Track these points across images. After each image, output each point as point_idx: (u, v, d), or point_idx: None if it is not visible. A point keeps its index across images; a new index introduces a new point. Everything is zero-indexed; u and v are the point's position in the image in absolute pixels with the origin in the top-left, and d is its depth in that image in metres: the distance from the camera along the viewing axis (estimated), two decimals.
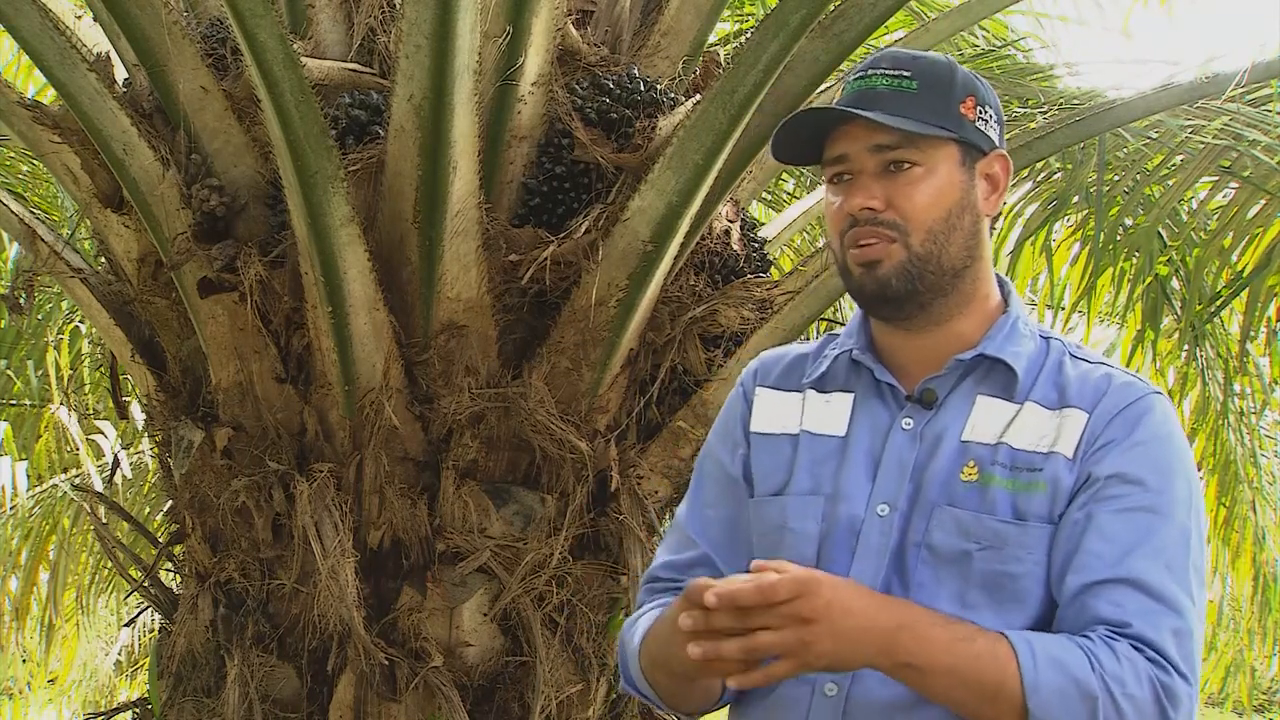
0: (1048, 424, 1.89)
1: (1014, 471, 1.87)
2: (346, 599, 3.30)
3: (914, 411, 1.94)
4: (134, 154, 3.42)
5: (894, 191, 1.90)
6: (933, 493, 1.88)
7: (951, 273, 1.93)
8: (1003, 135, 2.00)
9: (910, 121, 1.89)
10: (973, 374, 1.94)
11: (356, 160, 3.33)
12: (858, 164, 1.92)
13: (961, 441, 1.90)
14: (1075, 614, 1.81)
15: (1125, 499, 1.83)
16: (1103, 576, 1.79)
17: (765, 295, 3.67)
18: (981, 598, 1.84)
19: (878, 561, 1.88)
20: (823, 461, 1.96)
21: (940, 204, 1.91)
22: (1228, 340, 5.51)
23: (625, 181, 3.38)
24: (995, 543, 1.84)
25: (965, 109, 1.93)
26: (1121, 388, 1.90)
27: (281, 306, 3.46)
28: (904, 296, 1.92)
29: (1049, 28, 6.23)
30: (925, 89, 1.92)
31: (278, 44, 2.98)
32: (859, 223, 1.91)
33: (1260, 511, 6.12)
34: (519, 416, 3.39)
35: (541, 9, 3.37)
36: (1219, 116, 4.29)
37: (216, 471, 3.55)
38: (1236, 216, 4.63)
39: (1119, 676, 1.73)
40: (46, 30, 3.34)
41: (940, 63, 1.97)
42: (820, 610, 1.69)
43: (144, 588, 3.93)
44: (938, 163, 1.91)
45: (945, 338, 1.95)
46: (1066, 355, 1.96)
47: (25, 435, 6.47)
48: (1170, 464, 1.87)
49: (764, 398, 2.07)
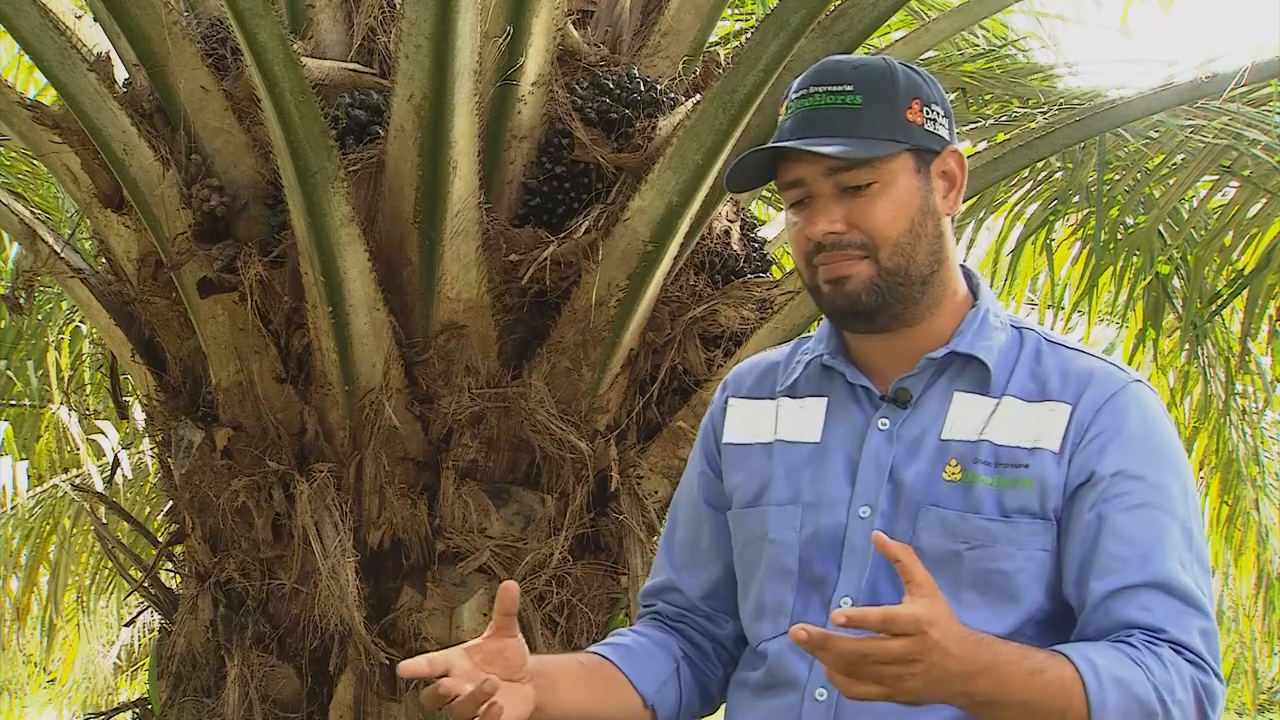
0: (1030, 418, 1.87)
1: (998, 468, 1.86)
2: (347, 599, 3.30)
3: (889, 412, 1.93)
4: (134, 154, 3.42)
5: (854, 212, 1.88)
6: (915, 494, 1.88)
7: (920, 280, 1.91)
8: (953, 128, 1.97)
9: (860, 142, 1.87)
10: (946, 371, 1.93)
11: (356, 160, 3.33)
12: (814, 188, 1.90)
13: (941, 440, 1.89)
14: (1103, 619, 1.81)
15: (1130, 496, 1.83)
16: (1130, 582, 1.80)
17: (765, 295, 3.67)
18: (975, 596, 1.84)
19: (863, 565, 1.88)
20: (799, 469, 1.96)
21: (902, 216, 1.89)
22: (1229, 339, 5.51)
23: (625, 181, 3.38)
24: (984, 541, 1.84)
25: (912, 115, 1.90)
26: (1104, 378, 1.89)
27: (281, 306, 3.46)
28: (876, 310, 1.90)
29: (1049, 27, 6.21)
30: (870, 102, 1.89)
31: (278, 44, 2.98)
32: (824, 247, 1.90)
33: (1262, 510, 6.12)
34: (519, 416, 3.39)
35: (541, 9, 3.36)
36: (1219, 116, 4.29)
37: (216, 471, 3.55)
38: (1237, 215, 4.64)
39: (1169, 685, 1.75)
40: (46, 30, 3.34)
41: (880, 69, 1.93)
42: (928, 650, 1.67)
43: (144, 588, 3.93)
44: (894, 175, 1.89)
45: (917, 337, 1.94)
46: (1043, 344, 1.95)
47: (25, 435, 6.47)
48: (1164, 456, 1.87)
49: (736, 408, 2.06)
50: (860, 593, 1.87)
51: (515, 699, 1.87)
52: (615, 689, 2.03)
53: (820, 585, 1.91)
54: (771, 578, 1.95)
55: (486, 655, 1.88)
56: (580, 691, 2.01)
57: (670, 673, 2.06)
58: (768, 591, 1.95)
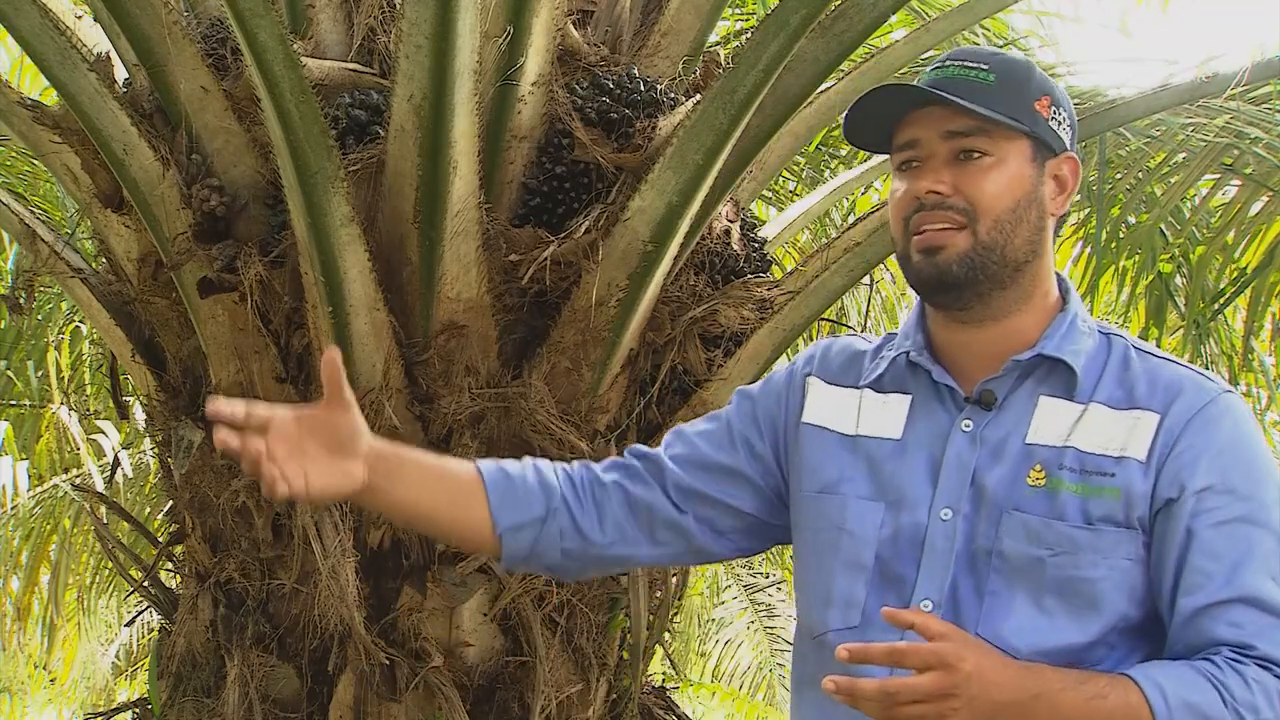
0: (1116, 425, 1.85)
1: (1084, 475, 1.84)
2: (347, 599, 3.30)
3: (973, 413, 1.91)
4: (134, 154, 3.41)
5: (963, 179, 1.89)
6: (998, 498, 1.86)
7: (1013, 265, 1.90)
8: (1075, 139, 1.98)
9: (985, 109, 1.87)
10: (1033, 375, 1.91)
11: (356, 160, 3.32)
12: (928, 149, 1.90)
13: (1026, 444, 1.87)
14: (1193, 636, 1.79)
15: (1220, 511, 1.81)
16: (1217, 598, 1.78)
17: (765, 295, 3.66)
18: (1057, 604, 1.82)
19: (944, 567, 1.86)
20: (881, 466, 1.94)
21: (1009, 195, 1.89)
22: (1232, 337, 5.51)
23: (625, 181, 3.38)
24: (1068, 548, 1.82)
25: (1040, 107, 1.92)
26: (1194, 388, 1.87)
27: (281, 306, 3.46)
28: (963, 284, 1.89)
29: (1050, 26, 6.22)
30: (1002, 82, 1.90)
31: (278, 44, 2.98)
32: (924, 207, 1.89)
33: None
34: (519, 416, 3.39)
35: (541, 9, 3.36)
36: (1220, 115, 4.29)
37: (217, 471, 3.55)
38: (1239, 214, 4.63)
39: (1252, 704, 1.73)
40: (46, 30, 3.34)
41: (1019, 61, 1.96)
42: (962, 683, 1.67)
43: (144, 588, 3.93)
44: (1009, 154, 1.90)
45: (1003, 335, 1.92)
46: (1131, 351, 1.93)
47: (25, 435, 6.47)
48: (1256, 468, 1.85)
49: (819, 390, 2.04)
50: (942, 595, 1.86)
51: (327, 471, 1.89)
52: (468, 505, 2.02)
53: (898, 584, 1.89)
54: (844, 569, 1.93)
55: (310, 425, 1.90)
56: (423, 492, 2.02)
57: (535, 519, 2.04)
58: (838, 582, 1.93)
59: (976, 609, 1.84)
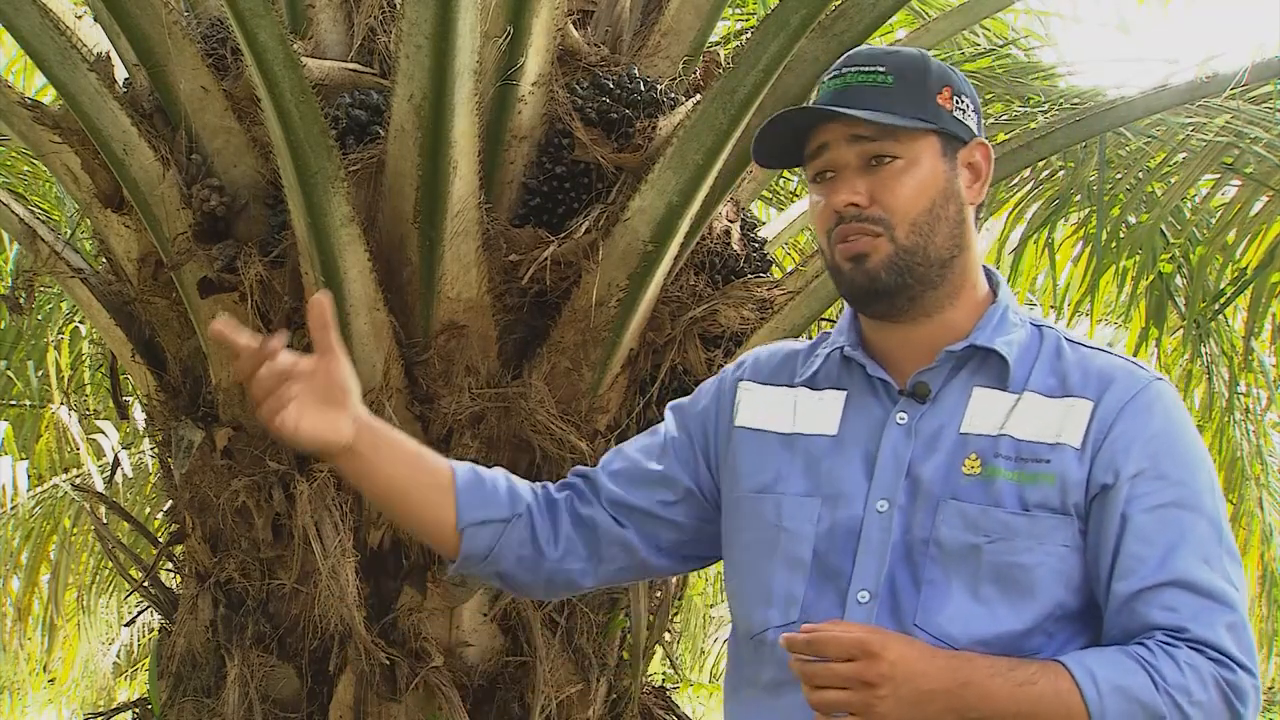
0: (1051, 413, 1.87)
1: (1019, 463, 1.85)
2: (347, 599, 3.30)
3: (908, 406, 1.93)
4: (134, 154, 3.41)
5: (877, 186, 1.90)
6: (934, 487, 1.87)
7: (939, 263, 1.92)
8: (981, 124, 2.00)
9: (888, 115, 1.89)
10: (966, 366, 1.93)
11: (356, 160, 3.33)
12: (839, 158, 1.91)
13: (960, 434, 1.89)
14: (1128, 621, 1.81)
15: (1153, 495, 1.82)
16: (1151, 582, 1.79)
17: (765, 295, 3.66)
18: (993, 592, 1.83)
19: (880, 558, 1.87)
20: (817, 462, 1.95)
21: (923, 195, 1.90)
22: (1232, 337, 5.51)
23: (625, 181, 3.38)
24: (1004, 534, 1.83)
25: (942, 100, 1.93)
26: (1127, 377, 1.89)
27: (282, 306, 3.46)
28: (894, 290, 1.91)
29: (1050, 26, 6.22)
30: (901, 83, 1.92)
31: (278, 44, 2.98)
32: (845, 219, 1.91)
33: (1266, 509, 6.12)
34: (519, 416, 3.39)
35: (541, 9, 3.36)
36: (1220, 114, 4.28)
37: (217, 471, 3.55)
38: (1239, 214, 4.63)
39: (1183, 686, 1.74)
40: (46, 30, 3.34)
41: (914, 56, 1.97)
42: (885, 674, 1.69)
43: (144, 588, 3.93)
44: (919, 154, 1.91)
45: (936, 329, 1.94)
46: (1063, 342, 1.95)
47: (25, 435, 6.47)
48: (1189, 453, 1.87)
49: (751, 392, 2.06)
50: (879, 586, 1.87)
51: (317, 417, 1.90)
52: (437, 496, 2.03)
53: (836, 578, 1.90)
54: (783, 567, 1.94)
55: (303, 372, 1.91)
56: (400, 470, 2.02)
57: (499, 520, 2.05)
58: (777, 579, 1.94)
59: (914, 599, 1.85)
